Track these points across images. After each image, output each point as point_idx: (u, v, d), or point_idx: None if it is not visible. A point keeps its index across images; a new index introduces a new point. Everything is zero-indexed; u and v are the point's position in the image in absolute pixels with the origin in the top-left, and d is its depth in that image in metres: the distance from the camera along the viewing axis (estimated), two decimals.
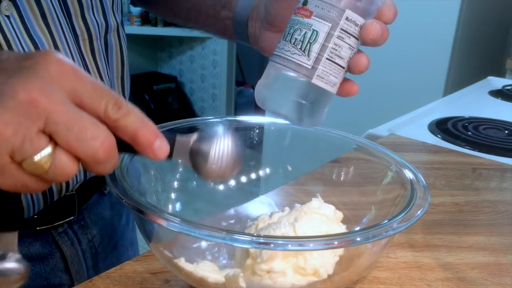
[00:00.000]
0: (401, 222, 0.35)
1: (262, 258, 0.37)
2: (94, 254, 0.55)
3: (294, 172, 0.56)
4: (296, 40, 0.36)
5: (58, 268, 0.50)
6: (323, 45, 0.36)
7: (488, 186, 0.68)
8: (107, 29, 0.51)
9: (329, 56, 0.36)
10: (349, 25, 0.36)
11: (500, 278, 0.46)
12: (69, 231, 0.51)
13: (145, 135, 0.28)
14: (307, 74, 0.36)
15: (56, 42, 0.45)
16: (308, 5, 0.36)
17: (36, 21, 0.43)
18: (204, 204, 0.56)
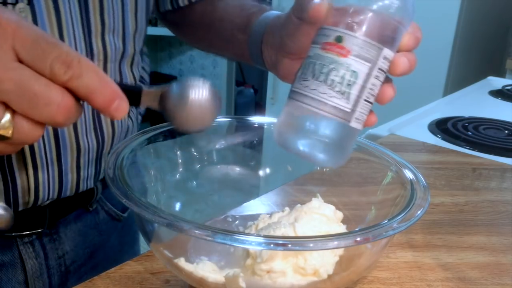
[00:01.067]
0: (401, 222, 0.35)
1: (262, 258, 0.37)
2: (64, 272, 0.51)
3: (294, 172, 0.56)
4: (333, 82, 0.33)
5: (16, 280, 0.47)
6: (362, 86, 0.33)
7: (488, 186, 0.68)
8: (123, 54, 0.50)
9: (366, 96, 0.34)
10: (384, 63, 0.34)
11: (500, 278, 0.46)
12: (36, 242, 0.48)
13: (100, 97, 0.27)
14: (345, 118, 0.34)
15: None
16: (344, 42, 0.33)
17: (51, 30, 0.42)
18: (204, 204, 0.56)
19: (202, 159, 0.56)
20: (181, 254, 0.39)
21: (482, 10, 1.84)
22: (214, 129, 0.55)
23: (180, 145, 0.59)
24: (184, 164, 0.58)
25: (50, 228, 0.50)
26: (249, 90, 3.23)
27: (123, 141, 0.44)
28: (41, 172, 0.45)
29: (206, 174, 0.56)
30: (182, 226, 0.32)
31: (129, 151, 0.42)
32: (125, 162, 0.40)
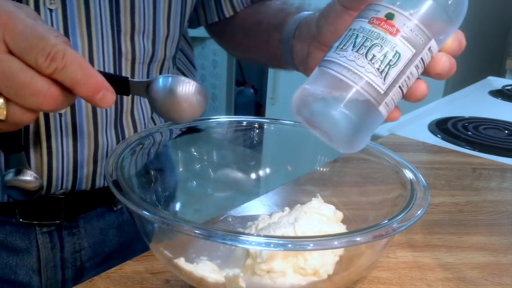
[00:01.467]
0: (401, 222, 0.35)
1: (262, 258, 0.37)
2: (79, 267, 0.52)
3: (294, 172, 0.56)
4: (374, 58, 0.31)
5: (30, 267, 0.48)
6: (401, 71, 0.31)
7: (488, 186, 0.68)
8: (152, 57, 0.49)
9: (402, 84, 0.32)
10: (428, 55, 0.32)
11: (500, 278, 0.46)
12: (54, 233, 0.49)
13: (85, 88, 0.28)
14: (376, 99, 0.32)
15: (93, 51, 0.44)
16: (395, 20, 0.31)
17: (80, 25, 0.42)
18: (204, 205, 0.56)
19: (202, 159, 0.56)
20: (181, 254, 0.39)
21: (482, 10, 1.84)
22: (214, 129, 0.55)
23: (180, 145, 0.59)
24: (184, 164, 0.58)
25: (69, 221, 0.50)
26: (249, 90, 3.24)
27: (123, 140, 0.44)
28: (55, 160, 0.45)
29: (206, 174, 0.56)
30: (182, 226, 0.32)
31: (129, 151, 0.42)
32: (125, 162, 0.40)
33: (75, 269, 0.52)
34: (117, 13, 0.45)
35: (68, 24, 0.42)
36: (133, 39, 0.47)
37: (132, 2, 0.45)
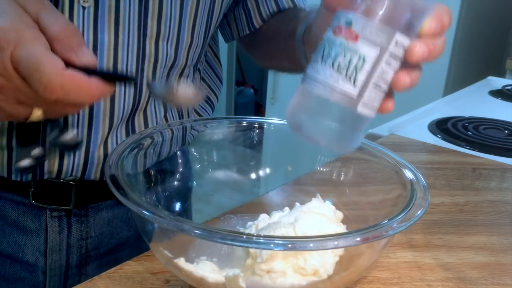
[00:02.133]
0: (401, 222, 0.35)
1: (262, 258, 0.37)
2: (84, 254, 0.53)
3: (294, 172, 0.56)
4: (340, 66, 0.32)
5: (37, 248, 0.50)
6: (370, 72, 0.32)
7: (488, 186, 0.68)
8: (173, 63, 0.51)
9: (375, 82, 0.33)
10: (397, 48, 0.33)
11: (500, 278, 0.46)
12: (64, 218, 0.51)
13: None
14: (352, 103, 0.33)
15: (118, 50, 0.46)
16: (353, 26, 0.32)
17: (109, 22, 0.45)
18: (204, 205, 0.56)
19: (202, 159, 0.56)
20: (181, 254, 0.39)
21: (482, 10, 1.84)
22: (214, 129, 0.55)
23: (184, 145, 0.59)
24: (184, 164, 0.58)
25: (79, 209, 0.52)
26: (249, 90, 3.24)
27: (124, 140, 0.44)
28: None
29: (206, 174, 0.56)
30: (182, 226, 0.32)
31: (130, 150, 0.42)
32: (125, 161, 0.40)
33: (80, 256, 0.53)
34: (145, 17, 0.47)
35: (98, 22, 0.44)
36: (157, 43, 0.48)
37: (160, 9, 0.47)
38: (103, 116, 0.48)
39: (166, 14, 0.47)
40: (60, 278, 0.53)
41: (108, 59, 0.46)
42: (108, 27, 0.45)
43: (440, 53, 0.34)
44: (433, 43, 0.33)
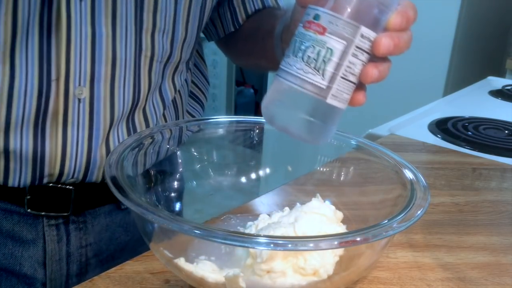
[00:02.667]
0: (401, 222, 0.35)
1: (262, 258, 0.37)
2: (84, 262, 0.52)
3: (294, 172, 0.56)
4: (309, 58, 0.34)
5: (35, 259, 0.48)
6: (338, 64, 0.34)
7: (488, 186, 0.68)
8: (169, 57, 0.52)
9: (343, 74, 0.35)
10: (363, 41, 0.34)
11: (500, 278, 0.46)
12: (61, 227, 0.49)
13: None
14: (321, 94, 0.35)
15: (116, 43, 0.46)
16: (321, 20, 0.34)
17: (106, 15, 0.45)
18: (204, 205, 0.56)
19: (202, 159, 0.56)
20: (181, 254, 0.39)
21: (482, 10, 1.84)
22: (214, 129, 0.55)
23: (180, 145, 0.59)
24: (184, 164, 0.58)
25: (77, 215, 0.50)
26: (249, 90, 3.23)
27: (124, 140, 0.44)
28: (70, 146, 0.46)
29: (206, 174, 0.56)
30: (182, 226, 0.32)
31: (130, 151, 0.42)
32: (125, 162, 0.40)
33: (80, 264, 0.52)
34: (141, 11, 0.47)
35: (95, 15, 0.44)
36: (153, 36, 0.49)
37: (155, 2, 0.47)
38: (104, 112, 0.48)
39: (162, 7, 0.48)
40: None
41: (106, 52, 0.46)
42: (106, 20, 0.45)
43: (406, 47, 0.36)
44: (399, 37, 0.35)
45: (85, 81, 0.45)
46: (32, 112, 0.44)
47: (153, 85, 0.51)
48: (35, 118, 0.44)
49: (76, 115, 0.46)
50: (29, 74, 0.43)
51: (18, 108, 0.43)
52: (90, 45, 0.44)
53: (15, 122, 0.43)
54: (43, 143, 0.45)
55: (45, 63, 0.43)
